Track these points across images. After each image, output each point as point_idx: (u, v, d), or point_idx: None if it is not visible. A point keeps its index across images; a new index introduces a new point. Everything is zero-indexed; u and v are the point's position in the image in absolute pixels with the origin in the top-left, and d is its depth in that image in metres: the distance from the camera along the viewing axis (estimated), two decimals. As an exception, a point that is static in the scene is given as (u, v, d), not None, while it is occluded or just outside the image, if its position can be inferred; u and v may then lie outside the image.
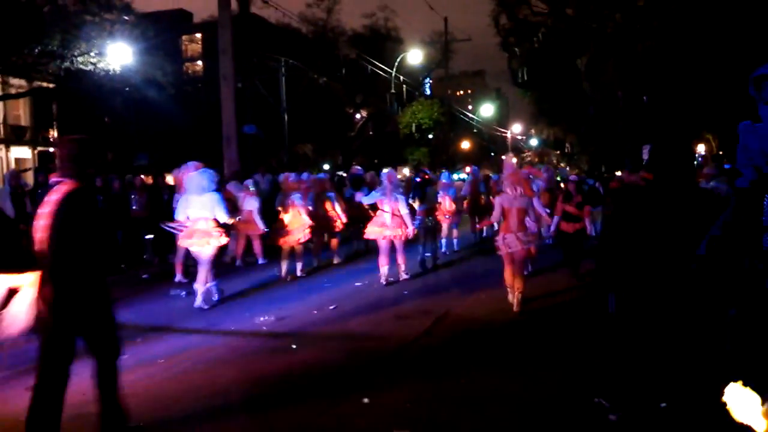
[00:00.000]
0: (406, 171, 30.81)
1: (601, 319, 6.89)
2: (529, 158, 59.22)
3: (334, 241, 12.13)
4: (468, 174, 19.97)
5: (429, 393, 5.07)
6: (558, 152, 57.58)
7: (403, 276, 10.04)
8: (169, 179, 13.58)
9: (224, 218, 8.11)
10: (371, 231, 9.92)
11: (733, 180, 4.79)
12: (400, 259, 9.97)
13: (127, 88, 24.13)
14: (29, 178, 16.78)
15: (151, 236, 12.51)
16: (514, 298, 7.84)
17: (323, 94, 32.85)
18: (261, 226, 11.31)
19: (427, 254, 11.18)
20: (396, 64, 31.33)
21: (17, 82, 24.63)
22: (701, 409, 4.43)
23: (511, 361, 6.05)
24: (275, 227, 10.61)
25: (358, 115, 38.19)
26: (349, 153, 37.90)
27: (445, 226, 12.78)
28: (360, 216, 11.69)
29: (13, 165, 28.21)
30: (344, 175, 18.29)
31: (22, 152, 31.00)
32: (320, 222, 11.16)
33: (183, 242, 8.50)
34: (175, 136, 31.02)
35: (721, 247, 3.35)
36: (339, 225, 11.77)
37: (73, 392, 4.08)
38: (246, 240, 11.89)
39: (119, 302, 4.77)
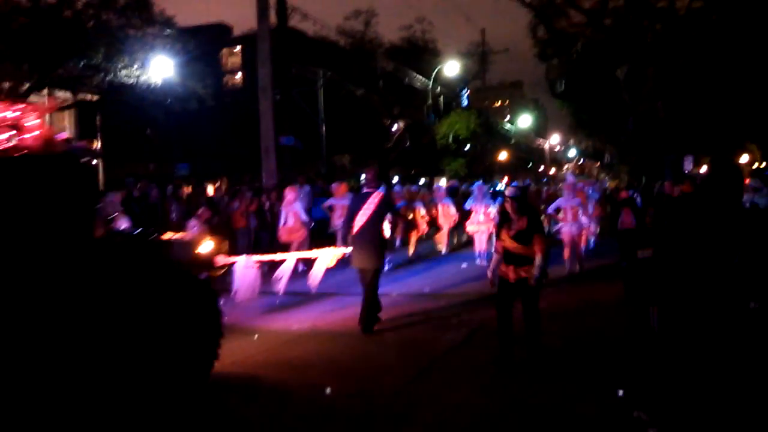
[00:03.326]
0: (443, 182, 30.73)
1: (642, 333, 6.81)
2: (570, 170, 58.73)
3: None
4: (505, 185, 21.28)
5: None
6: (598, 163, 56.91)
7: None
8: (210, 189, 14.15)
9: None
10: (471, 227, 14.32)
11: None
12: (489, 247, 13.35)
13: (169, 101, 24.55)
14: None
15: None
16: (569, 266, 12.30)
17: (360, 105, 33.01)
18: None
19: None
20: (433, 75, 31.38)
21: (62, 95, 25.25)
22: (743, 424, 4.34)
23: (553, 374, 6.05)
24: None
25: (395, 127, 38.27)
26: (386, 164, 37.96)
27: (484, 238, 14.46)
28: (461, 217, 15.55)
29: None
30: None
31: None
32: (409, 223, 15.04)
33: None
34: (215, 147, 31.46)
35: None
36: (424, 226, 15.63)
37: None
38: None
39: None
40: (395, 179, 28.83)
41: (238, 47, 41.73)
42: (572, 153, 66.28)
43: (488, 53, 37.11)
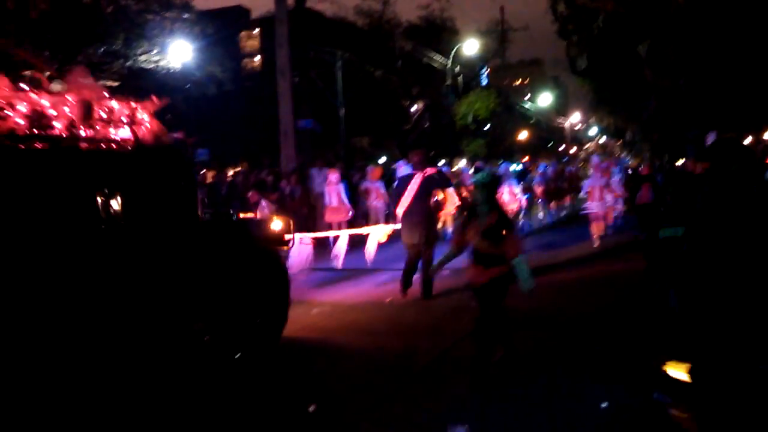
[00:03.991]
0: (462, 163, 30.56)
1: (662, 313, 6.76)
2: (591, 149, 58.22)
3: None
4: (524, 163, 21.71)
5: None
6: (620, 141, 56.28)
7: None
8: (230, 173, 14.48)
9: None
10: None
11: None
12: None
13: (188, 85, 24.64)
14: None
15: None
16: (595, 241, 13.47)
17: (379, 86, 32.88)
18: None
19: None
20: (452, 54, 31.12)
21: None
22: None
23: (569, 357, 6.06)
24: None
25: (414, 107, 38.10)
26: (406, 145, 37.86)
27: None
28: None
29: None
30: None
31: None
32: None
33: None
34: (235, 131, 31.54)
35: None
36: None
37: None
38: None
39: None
40: (441, 162, 28.76)
41: (257, 30, 41.72)
42: (593, 131, 65.59)
43: (507, 31, 36.72)
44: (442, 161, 36.07)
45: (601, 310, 7.69)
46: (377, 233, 9.99)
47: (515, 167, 25.40)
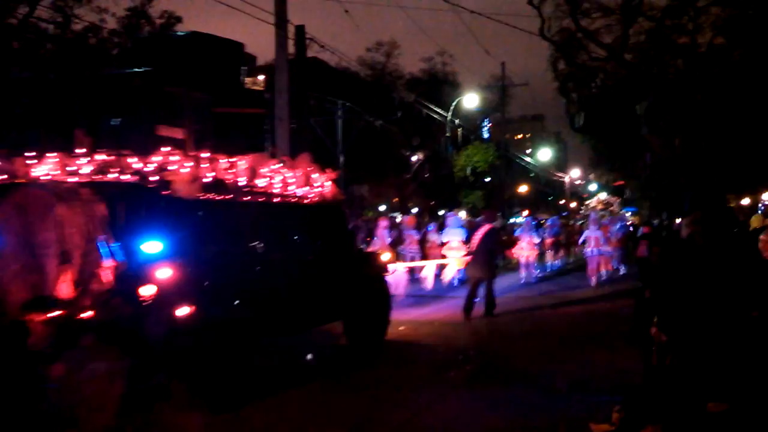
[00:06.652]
0: (462, 214, 30.55)
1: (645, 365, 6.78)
2: (593, 205, 58.42)
3: None
4: (525, 218, 22.78)
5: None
6: (618, 199, 56.50)
7: (536, 275, 18.36)
8: None
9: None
10: (518, 252, 17.94)
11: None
12: (532, 270, 18.06)
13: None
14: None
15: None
16: (593, 283, 16.08)
17: (379, 136, 33.18)
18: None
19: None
20: (452, 107, 31.45)
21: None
22: None
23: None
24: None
25: (414, 158, 38.38)
26: (405, 195, 38.05)
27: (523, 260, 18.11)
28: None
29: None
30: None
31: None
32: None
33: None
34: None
35: None
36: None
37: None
38: None
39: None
40: (442, 212, 28.93)
41: (262, 76, 42.27)
42: (593, 187, 65.94)
43: (508, 86, 37.14)
44: (442, 211, 36.19)
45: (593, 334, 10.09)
46: (454, 263, 13.80)
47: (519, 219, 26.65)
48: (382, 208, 35.63)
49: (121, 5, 25.14)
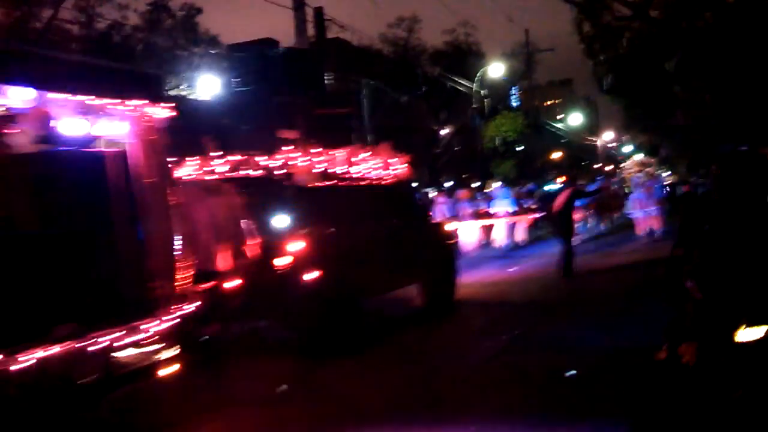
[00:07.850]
0: (496, 185, 30.41)
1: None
2: (629, 167, 57.64)
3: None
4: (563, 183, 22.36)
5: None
6: (654, 159, 55.59)
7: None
8: None
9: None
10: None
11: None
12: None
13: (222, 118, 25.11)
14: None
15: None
16: (643, 237, 17.84)
17: (406, 112, 33.07)
18: None
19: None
20: (477, 78, 31.19)
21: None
22: None
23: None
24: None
25: (443, 132, 38.19)
26: (437, 169, 37.95)
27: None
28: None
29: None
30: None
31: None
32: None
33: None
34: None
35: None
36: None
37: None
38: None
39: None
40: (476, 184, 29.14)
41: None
42: (627, 149, 64.96)
43: (533, 53, 36.67)
44: (476, 183, 36.05)
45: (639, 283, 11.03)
46: (524, 219, 16.75)
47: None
48: (414, 184, 35.59)
49: (142, 0, 25.47)
